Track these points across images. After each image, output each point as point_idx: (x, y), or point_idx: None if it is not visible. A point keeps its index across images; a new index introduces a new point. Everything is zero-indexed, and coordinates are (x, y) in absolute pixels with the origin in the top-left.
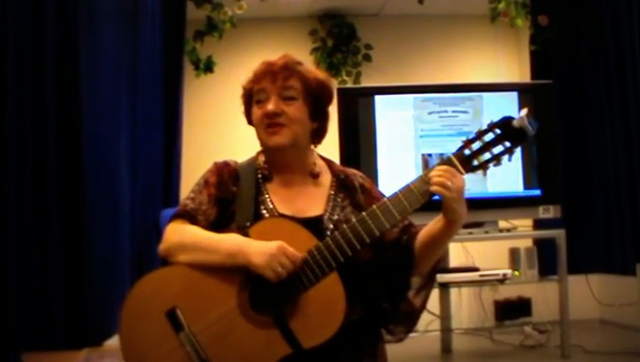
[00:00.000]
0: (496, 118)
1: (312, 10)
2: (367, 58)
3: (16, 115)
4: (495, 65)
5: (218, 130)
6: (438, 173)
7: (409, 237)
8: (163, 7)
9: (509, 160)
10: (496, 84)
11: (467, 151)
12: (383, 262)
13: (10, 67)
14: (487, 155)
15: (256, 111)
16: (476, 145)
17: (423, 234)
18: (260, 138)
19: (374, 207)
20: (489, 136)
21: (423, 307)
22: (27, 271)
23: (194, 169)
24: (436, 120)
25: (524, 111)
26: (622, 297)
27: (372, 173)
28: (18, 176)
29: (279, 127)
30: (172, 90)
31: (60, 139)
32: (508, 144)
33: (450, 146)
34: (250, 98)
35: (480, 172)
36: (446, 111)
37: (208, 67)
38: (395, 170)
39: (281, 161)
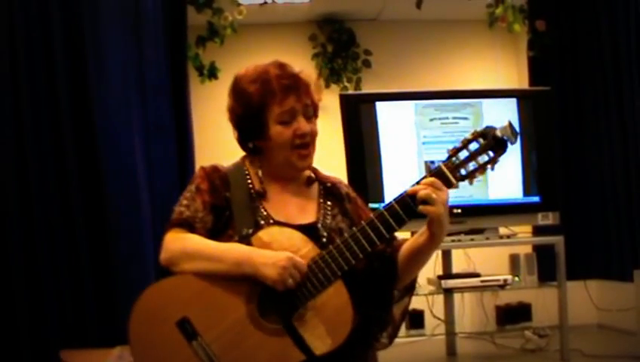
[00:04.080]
0: (494, 125)
1: (311, 16)
2: (367, 64)
3: (34, 129)
4: (493, 71)
5: (227, 136)
6: (423, 188)
7: (393, 250)
8: (164, 13)
9: (492, 169)
10: (496, 90)
11: (455, 160)
12: (371, 271)
13: (25, 80)
14: (473, 164)
15: (284, 132)
16: (463, 155)
17: (406, 248)
18: (282, 157)
19: (372, 216)
20: (474, 146)
21: (402, 317)
22: (59, 275)
23: None
24: (438, 126)
25: (507, 121)
26: (619, 302)
27: (378, 181)
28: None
29: (309, 147)
30: (180, 97)
31: (77, 146)
32: (491, 153)
33: None
34: (260, 114)
35: (466, 181)
36: (447, 118)
37: (212, 73)
38: (400, 177)
39: (288, 175)
